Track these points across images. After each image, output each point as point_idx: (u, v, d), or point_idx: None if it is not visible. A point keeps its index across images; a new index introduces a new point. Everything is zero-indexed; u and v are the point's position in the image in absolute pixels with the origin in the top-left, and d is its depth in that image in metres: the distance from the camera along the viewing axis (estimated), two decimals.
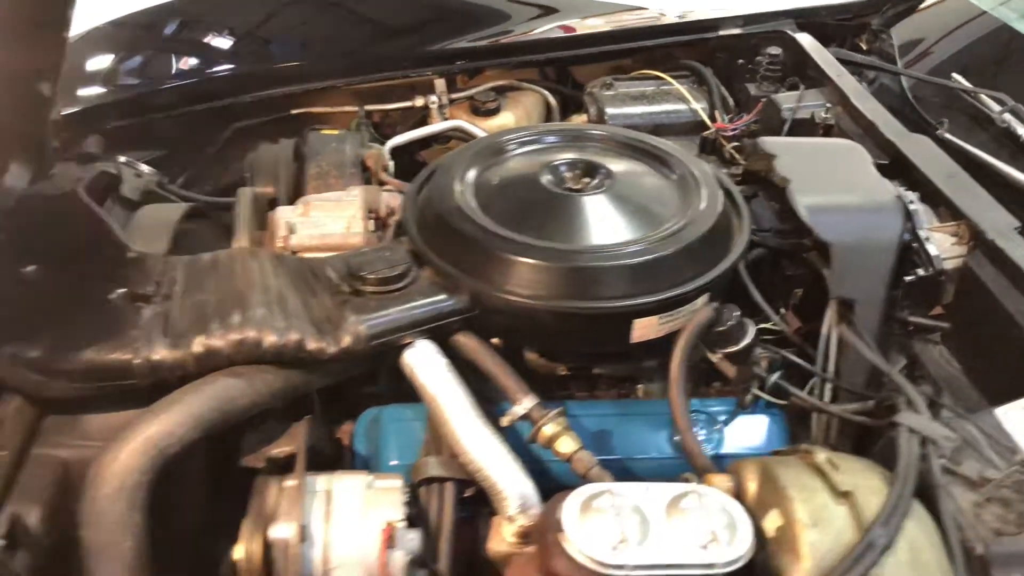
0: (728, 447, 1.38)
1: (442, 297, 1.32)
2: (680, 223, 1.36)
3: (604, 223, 1.39)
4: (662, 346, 1.38)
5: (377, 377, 1.42)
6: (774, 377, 1.38)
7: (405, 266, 1.34)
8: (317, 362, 1.24)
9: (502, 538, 1.25)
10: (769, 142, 1.57)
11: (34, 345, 1.18)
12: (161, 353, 1.18)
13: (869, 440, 1.33)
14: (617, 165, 1.49)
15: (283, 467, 1.26)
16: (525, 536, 1.23)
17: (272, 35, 2.15)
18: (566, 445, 1.25)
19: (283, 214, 1.53)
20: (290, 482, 1.16)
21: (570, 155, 1.52)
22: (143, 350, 1.18)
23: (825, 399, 1.40)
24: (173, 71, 2.03)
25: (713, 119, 1.99)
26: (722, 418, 1.40)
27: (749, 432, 1.39)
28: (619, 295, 1.29)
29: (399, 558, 1.12)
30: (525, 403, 1.27)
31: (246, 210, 1.57)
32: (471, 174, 1.48)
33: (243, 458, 1.25)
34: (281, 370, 1.23)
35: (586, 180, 1.47)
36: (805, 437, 1.43)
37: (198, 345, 1.19)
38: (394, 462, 1.32)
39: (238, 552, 1.14)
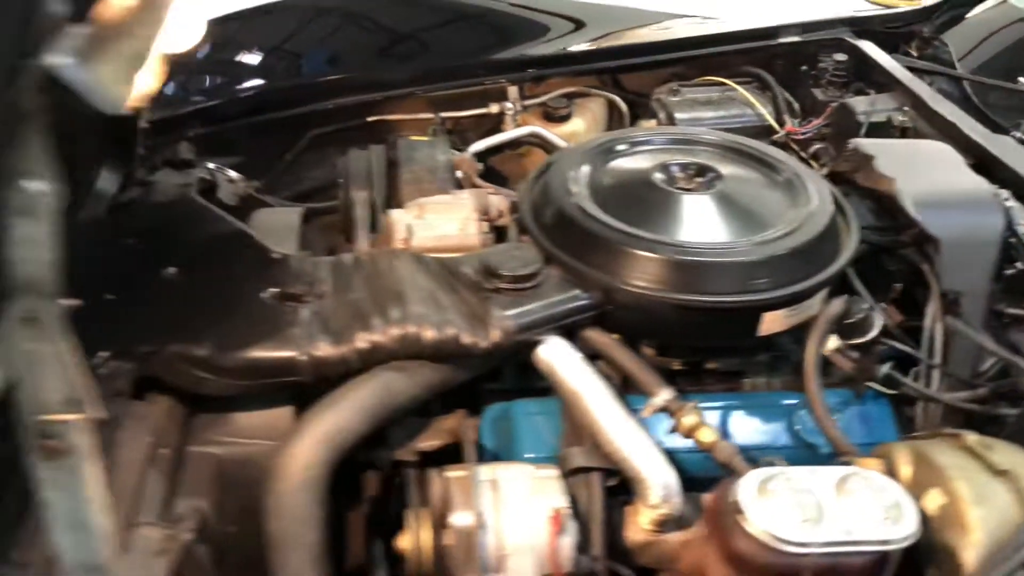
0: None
1: (576, 293, 1.36)
2: (799, 220, 1.42)
3: (720, 220, 1.44)
4: (776, 340, 1.44)
5: (501, 373, 1.46)
6: (886, 368, 1.43)
7: (538, 264, 1.38)
8: (468, 356, 1.28)
9: (639, 527, 1.29)
10: (865, 143, 1.63)
11: (200, 344, 1.20)
12: (325, 350, 1.22)
13: (972, 427, 1.39)
14: (724, 166, 1.54)
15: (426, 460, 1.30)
16: (662, 524, 1.27)
17: (348, 44, 2.18)
18: (707, 434, 1.29)
19: (400, 217, 1.57)
20: (455, 472, 1.20)
21: (675, 157, 1.56)
22: (307, 347, 1.21)
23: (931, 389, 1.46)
24: (251, 79, 2.06)
25: (780, 123, 2.06)
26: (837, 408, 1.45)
27: (865, 421, 1.44)
28: (751, 289, 1.34)
29: (568, 543, 1.16)
30: (663, 395, 1.31)
31: (365, 213, 1.60)
32: (583, 175, 1.52)
33: (395, 452, 1.29)
34: (436, 364, 1.27)
35: (698, 180, 1.51)
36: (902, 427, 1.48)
37: (362, 341, 1.22)
38: (529, 455, 1.35)
39: (405, 541, 1.18)
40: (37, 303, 0.68)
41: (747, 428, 1.42)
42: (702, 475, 1.32)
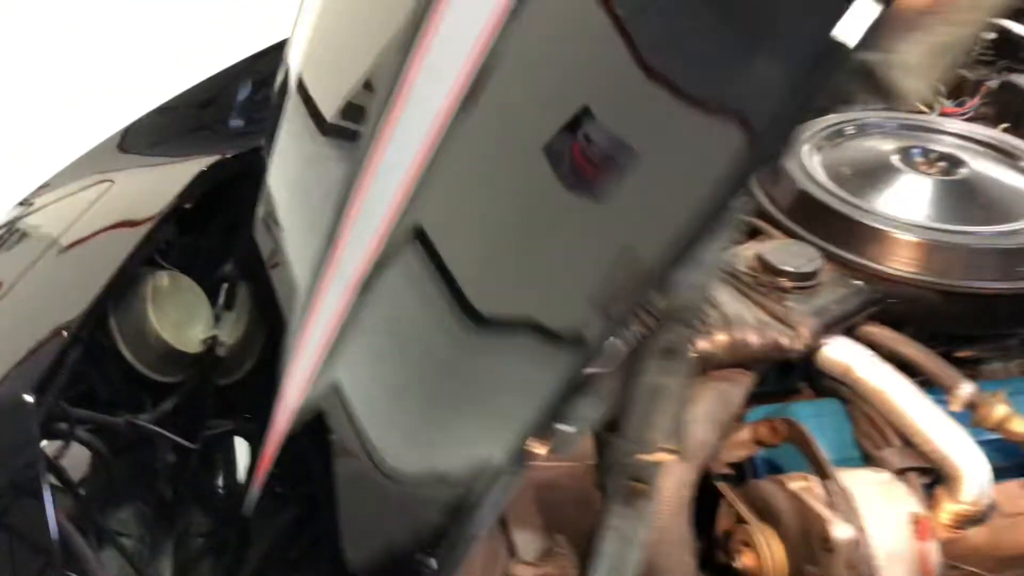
0: None
1: (860, 287, 1.32)
2: None
3: (975, 206, 1.41)
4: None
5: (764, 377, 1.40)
6: None
7: (819, 260, 1.33)
8: (784, 360, 1.22)
9: (938, 523, 1.25)
10: None
11: None
12: None
13: None
14: (963, 153, 1.50)
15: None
16: (963, 521, 1.23)
17: None
18: (1021, 424, 1.25)
19: None
20: (797, 483, 1.14)
21: (908, 142, 1.53)
22: None
23: None
24: None
25: (927, 105, 2.03)
26: None
27: None
28: None
29: (936, 549, 1.11)
30: (966, 388, 1.27)
31: None
32: (817, 161, 1.48)
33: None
34: (750, 371, 1.21)
35: (940, 165, 1.48)
36: None
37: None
38: None
39: (750, 559, 1.12)
40: (680, 334, 0.60)
41: None
42: None
